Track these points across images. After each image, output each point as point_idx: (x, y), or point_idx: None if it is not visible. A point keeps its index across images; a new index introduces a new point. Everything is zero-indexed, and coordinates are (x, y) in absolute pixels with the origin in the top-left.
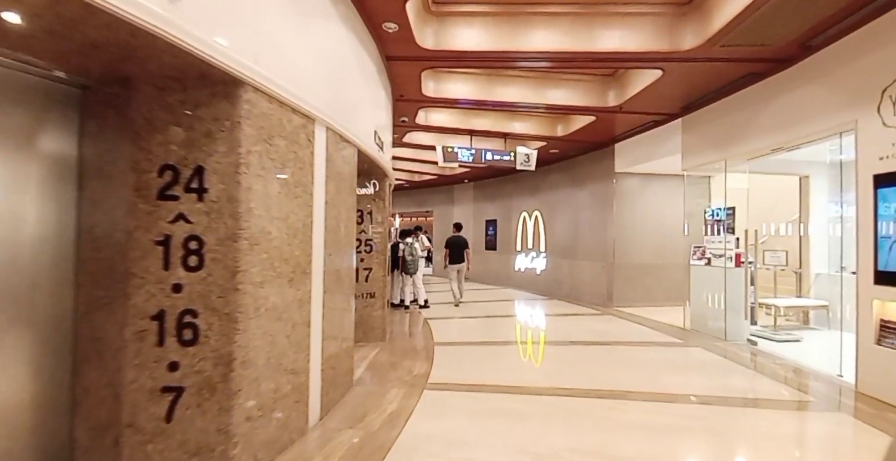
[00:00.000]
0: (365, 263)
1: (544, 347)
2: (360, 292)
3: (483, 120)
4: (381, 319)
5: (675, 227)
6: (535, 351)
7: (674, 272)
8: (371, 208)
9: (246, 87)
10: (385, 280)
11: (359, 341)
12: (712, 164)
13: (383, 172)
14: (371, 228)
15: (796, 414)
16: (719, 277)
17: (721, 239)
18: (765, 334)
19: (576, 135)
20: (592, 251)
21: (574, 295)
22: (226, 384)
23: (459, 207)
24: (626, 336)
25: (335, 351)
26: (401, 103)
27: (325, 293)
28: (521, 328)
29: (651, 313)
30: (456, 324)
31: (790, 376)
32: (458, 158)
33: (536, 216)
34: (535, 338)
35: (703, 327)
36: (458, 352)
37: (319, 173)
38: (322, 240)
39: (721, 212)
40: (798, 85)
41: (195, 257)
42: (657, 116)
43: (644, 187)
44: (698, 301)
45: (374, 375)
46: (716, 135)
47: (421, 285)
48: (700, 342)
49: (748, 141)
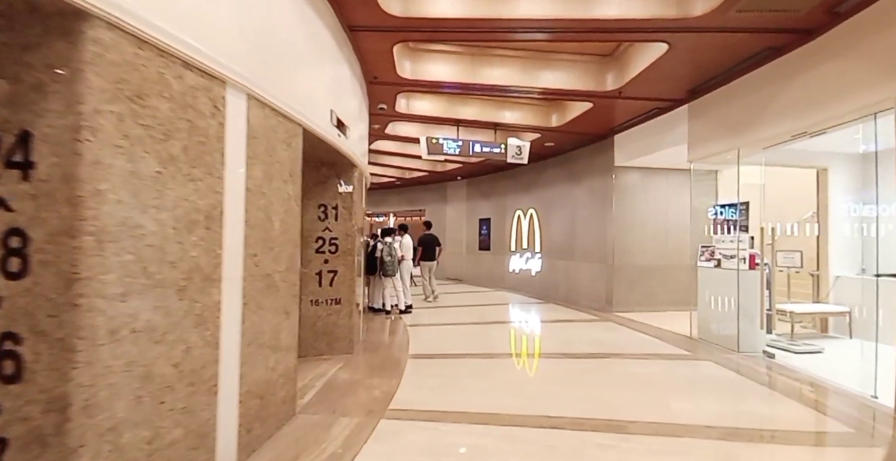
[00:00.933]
0: (329, 265)
1: (533, 361)
2: (324, 298)
3: (470, 108)
4: (348, 329)
5: (680, 225)
6: (521, 365)
7: (678, 274)
8: (337, 203)
9: (93, 22)
10: (354, 284)
11: (321, 354)
12: (723, 154)
13: (349, 162)
14: (337, 226)
15: (836, 452)
16: (731, 281)
17: (733, 238)
18: (782, 345)
19: (572, 125)
20: (590, 251)
21: (571, 298)
22: (60, 437)
23: (452, 206)
24: (627, 346)
25: (264, 376)
26: (376, 87)
27: (247, 304)
28: (511, 337)
29: (654, 319)
30: (438, 333)
31: (818, 399)
32: (444, 151)
33: (531, 214)
34: (524, 350)
35: (713, 336)
36: (433, 366)
37: (235, 152)
38: (241, 238)
39: (729, 210)
40: (824, 59)
41: (17, 259)
42: (661, 103)
43: (646, 182)
44: (707, 307)
45: (326, 399)
46: (727, 121)
47: (401, 288)
48: (710, 354)
49: (765, 126)
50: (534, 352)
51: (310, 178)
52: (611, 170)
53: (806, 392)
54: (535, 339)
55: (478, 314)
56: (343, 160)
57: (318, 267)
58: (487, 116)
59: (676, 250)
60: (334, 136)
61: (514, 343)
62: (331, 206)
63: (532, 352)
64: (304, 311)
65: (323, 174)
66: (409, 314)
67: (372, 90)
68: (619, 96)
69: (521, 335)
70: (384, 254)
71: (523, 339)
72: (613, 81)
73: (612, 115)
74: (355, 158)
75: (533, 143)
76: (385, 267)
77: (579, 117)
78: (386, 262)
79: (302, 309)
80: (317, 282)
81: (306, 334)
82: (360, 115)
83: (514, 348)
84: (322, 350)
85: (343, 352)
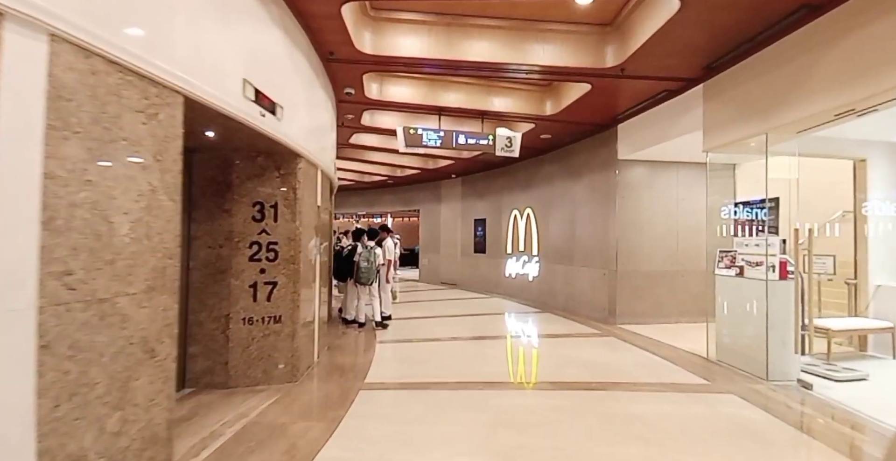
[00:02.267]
0: (267, 275)
1: (514, 394)
2: (260, 316)
3: (454, 94)
4: (290, 352)
5: (693, 226)
6: (498, 401)
7: (691, 281)
8: (277, 201)
9: None
10: (300, 297)
11: (256, 385)
12: (746, 141)
13: (290, 152)
14: (277, 228)
15: None
16: (757, 293)
17: (759, 241)
18: (819, 370)
19: (569, 112)
20: (591, 255)
21: (570, 307)
22: None
23: (447, 205)
24: (630, 372)
25: (98, 446)
26: (335, 67)
27: (50, 347)
28: (492, 359)
29: (663, 333)
30: (410, 351)
31: (876, 454)
32: (423, 142)
33: (528, 214)
34: (506, 377)
35: (735, 358)
36: (387, 402)
37: (15, 119)
38: (32, 247)
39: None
40: (878, 14)
41: None
42: (670, 84)
43: (653, 178)
44: (727, 322)
45: (228, 458)
46: (752, 101)
47: (378, 295)
48: (732, 384)
49: (800, 104)
50: (517, 381)
51: (242, 169)
52: (614, 164)
53: (859, 442)
54: (522, 362)
55: (463, 327)
56: (280, 148)
57: (253, 277)
58: (473, 103)
59: (689, 254)
60: (252, 115)
61: (495, 367)
62: (269, 205)
63: (515, 379)
64: (235, 332)
65: (259, 165)
66: (387, 327)
67: (332, 71)
68: (621, 75)
69: (506, 356)
70: (361, 259)
71: (507, 362)
72: (614, 56)
73: (614, 99)
74: (299, 148)
75: (527, 135)
76: (360, 274)
77: (577, 103)
78: (361, 268)
79: (231, 329)
80: (250, 296)
81: (237, 360)
82: (314, 97)
83: (492, 375)
84: (257, 379)
85: (284, 381)
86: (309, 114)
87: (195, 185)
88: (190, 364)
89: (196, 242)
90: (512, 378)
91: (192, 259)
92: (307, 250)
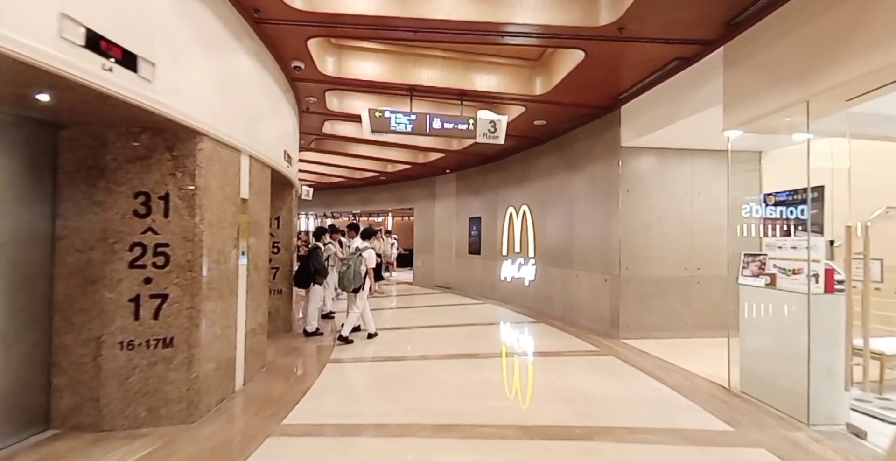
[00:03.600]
0: (153, 287)
1: (466, 448)
2: (143, 339)
3: (428, 71)
4: (185, 384)
5: (711, 223)
6: (444, 459)
7: (709, 289)
8: (168, 191)
9: None
10: (201, 315)
11: (138, 427)
12: (780, 113)
13: (186, 129)
14: (170, 226)
15: None
16: (795, 310)
17: (797, 243)
18: (870, 408)
19: (563, 91)
20: (591, 257)
21: (569, 317)
22: None
23: (441, 203)
24: (629, 409)
25: None
26: (268, 28)
27: None
28: (459, 387)
29: (675, 352)
30: (364, 375)
31: None
32: (391, 126)
33: (525, 212)
34: (466, 416)
35: (765, 392)
36: (294, 456)
37: None
38: None
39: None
40: None
41: None
42: (683, 48)
43: (663, 168)
44: (754, 344)
45: None
46: (788, 60)
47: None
48: (763, 431)
49: (854, 59)
50: (479, 424)
51: (120, 150)
52: (617, 152)
53: None
54: (492, 396)
55: (441, 341)
56: (170, 124)
57: (134, 289)
58: (451, 82)
59: (706, 257)
60: (85, 68)
61: (457, 402)
62: (157, 196)
63: (477, 421)
64: (109, 360)
65: (143, 146)
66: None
67: (267, 35)
68: (619, 36)
69: (476, 384)
70: (356, 266)
71: (473, 396)
72: (610, 9)
73: (614, 71)
74: (198, 123)
75: (518, 121)
76: (343, 279)
77: (571, 77)
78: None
79: (105, 356)
80: (131, 314)
81: (112, 396)
82: (233, 65)
83: (449, 414)
84: (139, 420)
85: (178, 422)
86: (222, 83)
87: (61, 171)
88: (55, 399)
89: (61, 244)
90: (473, 418)
91: (57, 265)
92: (219, 254)
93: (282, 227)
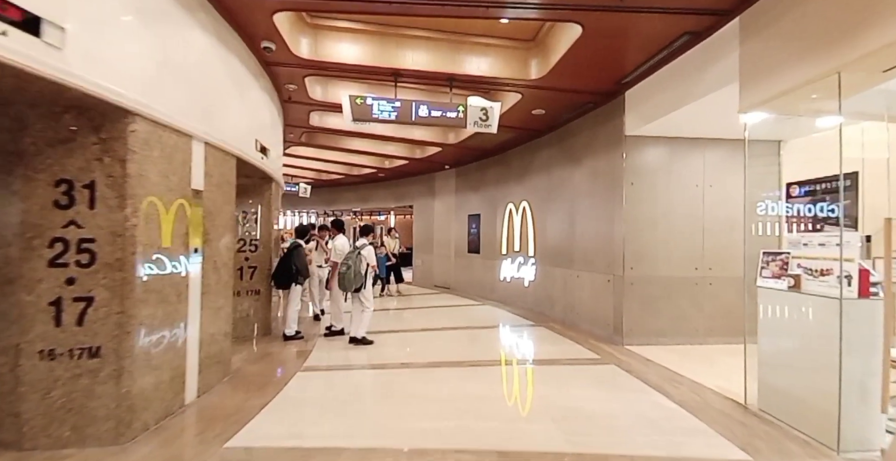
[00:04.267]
0: (77, 288)
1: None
2: (66, 348)
3: (413, 53)
4: (115, 400)
5: (725, 219)
6: None
7: (723, 290)
8: (94, 178)
9: None
10: (133, 321)
11: (64, 447)
12: (806, 88)
13: (114, 107)
14: (95, 218)
15: None
16: (824, 316)
17: (825, 239)
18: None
19: (561, 74)
20: (593, 257)
21: (570, 320)
22: None
23: (441, 200)
24: (630, 431)
25: None
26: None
27: None
28: (438, 401)
29: (684, 360)
30: (335, 387)
31: None
32: (374, 114)
33: (524, 208)
34: (436, 440)
35: (787, 411)
36: None
37: None
38: None
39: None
40: None
41: None
42: (694, 20)
43: (673, 160)
44: (775, 355)
45: None
46: (815, 26)
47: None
48: (785, 458)
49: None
50: (452, 448)
51: (41, 133)
52: (620, 143)
53: None
54: (472, 413)
55: (429, 346)
56: (93, 101)
57: (55, 291)
58: (439, 65)
59: (719, 256)
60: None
61: (431, 422)
62: (81, 184)
63: (451, 445)
64: (29, 371)
65: (66, 127)
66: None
67: (228, 8)
68: (621, 6)
69: (457, 398)
70: (356, 265)
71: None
72: None
73: (617, 50)
74: (128, 101)
75: (514, 111)
76: (344, 279)
77: (569, 57)
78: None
79: (24, 366)
80: (52, 319)
81: (33, 412)
82: (177, 37)
83: (418, 438)
84: (63, 440)
85: (105, 443)
86: (165, 59)
87: None
88: None
89: None
90: (447, 442)
91: None
92: (159, 251)
93: (260, 224)
